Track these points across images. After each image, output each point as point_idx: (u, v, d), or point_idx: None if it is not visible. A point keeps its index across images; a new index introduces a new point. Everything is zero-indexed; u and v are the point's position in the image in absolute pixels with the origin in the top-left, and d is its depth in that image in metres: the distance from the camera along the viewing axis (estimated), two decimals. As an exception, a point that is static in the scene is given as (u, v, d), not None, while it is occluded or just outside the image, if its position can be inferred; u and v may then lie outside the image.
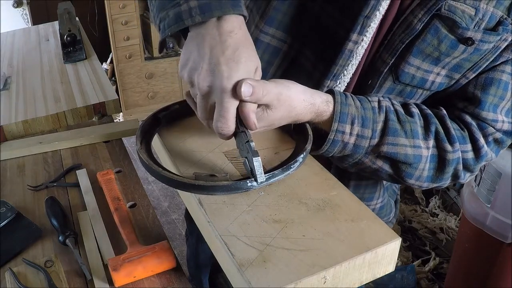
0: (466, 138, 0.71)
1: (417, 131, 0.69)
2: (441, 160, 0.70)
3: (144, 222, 0.81)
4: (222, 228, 0.55)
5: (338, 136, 0.66)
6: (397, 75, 0.70)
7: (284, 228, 0.55)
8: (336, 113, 0.65)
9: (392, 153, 0.68)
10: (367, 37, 0.68)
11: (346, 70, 0.71)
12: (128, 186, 0.90)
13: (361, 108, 0.67)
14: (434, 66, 0.69)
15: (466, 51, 0.67)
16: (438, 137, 0.70)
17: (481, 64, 0.69)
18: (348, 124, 0.65)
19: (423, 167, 0.70)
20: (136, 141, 0.69)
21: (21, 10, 2.82)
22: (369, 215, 0.57)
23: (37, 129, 1.09)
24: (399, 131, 0.68)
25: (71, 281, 0.69)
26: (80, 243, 0.76)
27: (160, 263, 0.70)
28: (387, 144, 0.67)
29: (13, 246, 0.75)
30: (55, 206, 0.81)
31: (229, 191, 0.60)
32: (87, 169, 0.94)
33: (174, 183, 0.61)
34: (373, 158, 0.69)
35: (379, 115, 0.67)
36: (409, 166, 0.69)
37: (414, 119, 0.69)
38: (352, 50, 0.69)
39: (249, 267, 0.50)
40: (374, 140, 0.67)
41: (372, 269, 0.54)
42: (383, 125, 0.67)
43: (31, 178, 0.93)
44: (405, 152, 0.68)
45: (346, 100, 0.66)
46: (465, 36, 0.65)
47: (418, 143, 0.68)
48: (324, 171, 0.65)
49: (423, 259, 2.03)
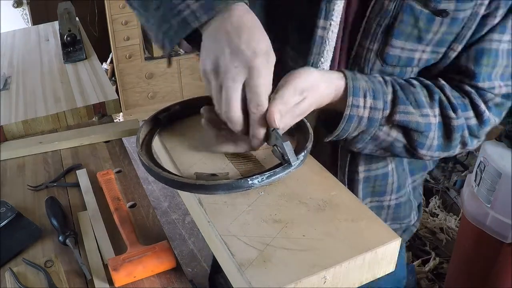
0: (468, 106, 0.72)
1: (422, 100, 0.70)
2: (448, 127, 0.71)
3: (144, 222, 0.81)
4: (222, 228, 0.55)
5: (353, 110, 0.66)
6: (383, 58, 0.71)
7: (284, 228, 0.55)
8: (349, 87, 0.65)
9: (405, 121, 0.68)
10: (334, 21, 0.68)
11: (323, 58, 0.71)
12: (128, 186, 0.90)
13: (370, 82, 0.68)
14: (417, 45, 0.69)
15: (443, 23, 0.67)
16: (442, 105, 0.70)
17: (464, 33, 0.69)
18: (361, 98, 0.66)
19: (433, 135, 0.71)
20: (137, 143, 0.69)
21: (21, 10, 2.82)
22: (369, 215, 0.57)
23: (37, 129, 1.09)
24: (406, 101, 0.69)
25: (71, 281, 0.69)
26: (80, 243, 0.76)
27: (160, 263, 0.70)
28: (399, 113, 0.68)
29: (13, 246, 0.75)
30: (55, 206, 0.81)
31: (231, 190, 0.60)
32: (87, 169, 0.94)
33: (175, 184, 0.61)
34: (388, 129, 0.70)
35: (386, 86, 0.69)
36: (421, 135, 0.70)
37: (417, 89, 0.70)
38: (323, 36, 0.70)
39: (249, 267, 0.50)
40: (386, 111, 0.68)
41: (372, 269, 0.54)
42: (392, 96, 0.68)
43: (31, 178, 0.93)
44: (416, 120, 0.69)
45: (355, 75, 0.67)
46: (438, 8, 0.65)
47: (425, 111, 0.69)
48: (324, 171, 0.65)
49: (423, 259, 2.03)
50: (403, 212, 0.89)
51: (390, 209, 0.86)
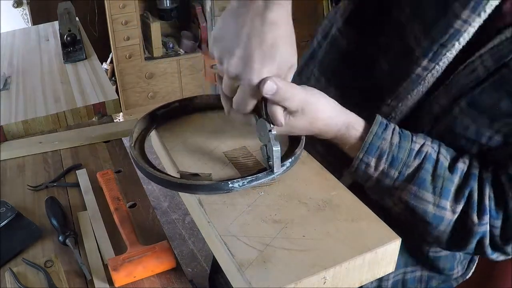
0: (500, 212, 0.62)
1: (449, 191, 0.62)
2: (465, 228, 0.63)
3: (144, 222, 0.81)
4: (222, 228, 0.55)
5: (362, 166, 0.63)
6: (451, 121, 0.64)
7: (284, 228, 0.55)
8: (365, 143, 0.62)
9: (411, 204, 0.63)
10: (440, 66, 0.62)
11: (410, 96, 0.66)
12: (128, 186, 0.90)
13: (396, 147, 0.62)
14: (492, 123, 0.61)
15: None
16: (469, 203, 0.62)
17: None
18: (374, 158, 0.62)
19: (443, 229, 0.64)
20: (130, 137, 0.69)
21: (21, 10, 2.81)
22: (369, 215, 0.57)
23: (37, 129, 1.09)
24: (428, 185, 0.62)
25: (71, 281, 0.69)
26: (80, 243, 0.76)
27: (160, 263, 0.70)
28: (410, 192, 0.62)
29: (13, 246, 0.75)
30: (55, 206, 0.81)
31: (211, 191, 0.60)
32: (87, 169, 0.94)
33: (157, 180, 0.62)
34: (396, 201, 0.65)
35: (413, 159, 0.62)
36: (427, 224, 0.64)
37: (453, 176, 0.62)
38: (421, 76, 0.64)
39: (249, 267, 0.50)
40: (398, 183, 0.63)
41: (372, 269, 0.54)
42: (413, 171, 0.62)
43: (31, 178, 0.93)
44: (426, 208, 0.62)
45: (383, 133, 0.62)
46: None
47: (444, 204, 0.62)
48: (324, 171, 0.65)
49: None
50: (443, 264, 0.81)
51: (428, 259, 0.79)
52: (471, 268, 0.88)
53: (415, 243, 0.76)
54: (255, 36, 0.54)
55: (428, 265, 0.80)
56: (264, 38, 0.53)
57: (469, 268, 0.88)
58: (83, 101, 1.16)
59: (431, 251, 0.78)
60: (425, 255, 0.78)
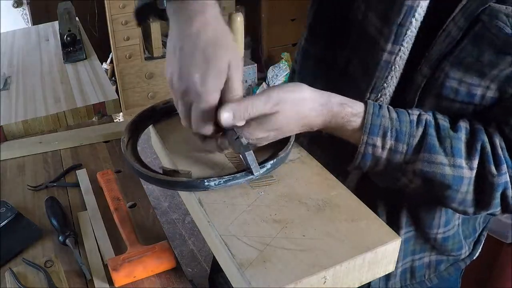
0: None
1: (460, 149, 0.61)
2: (486, 183, 0.61)
3: (144, 222, 0.81)
4: (222, 228, 0.55)
5: (368, 149, 0.62)
6: (438, 89, 0.63)
7: (284, 228, 0.55)
8: (366, 124, 0.61)
9: (428, 172, 0.61)
10: (404, 46, 0.63)
11: (386, 83, 0.66)
12: (128, 186, 0.90)
13: (396, 121, 0.62)
14: (480, 79, 0.60)
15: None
16: (483, 156, 0.61)
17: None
18: (379, 137, 0.61)
19: (465, 189, 0.62)
20: (124, 131, 0.70)
21: (21, 10, 2.81)
22: (369, 215, 0.57)
23: (37, 129, 1.09)
24: (437, 148, 0.61)
25: (71, 281, 0.69)
26: (80, 243, 0.76)
27: (160, 263, 0.70)
28: (422, 161, 0.61)
29: (13, 246, 0.75)
30: (55, 206, 0.81)
31: (187, 188, 0.61)
32: (87, 169, 0.94)
33: (139, 173, 0.64)
34: (411, 176, 0.63)
35: (416, 128, 0.62)
36: (449, 188, 0.61)
37: (459, 134, 0.62)
38: (389, 61, 0.64)
39: (249, 267, 0.50)
40: (408, 156, 0.61)
41: (372, 269, 0.54)
42: (420, 140, 0.61)
43: (31, 178, 0.93)
44: (443, 171, 0.61)
45: (379, 111, 0.62)
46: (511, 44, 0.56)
47: (459, 162, 0.61)
48: (324, 171, 0.65)
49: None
50: (451, 246, 0.80)
51: (437, 241, 0.78)
52: (477, 248, 0.88)
53: (425, 227, 0.76)
54: (187, 47, 0.56)
55: (437, 248, 0.80)
56: (195, 45, 0.56)
57: (475, 248, 0.87)
58: (83, 101, 1.16)
59: (439, 232, 0.77)
60: (434, 238, 0.77)
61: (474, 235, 0.86)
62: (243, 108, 0.57)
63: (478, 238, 0.88)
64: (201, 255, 2.10)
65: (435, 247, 0.79)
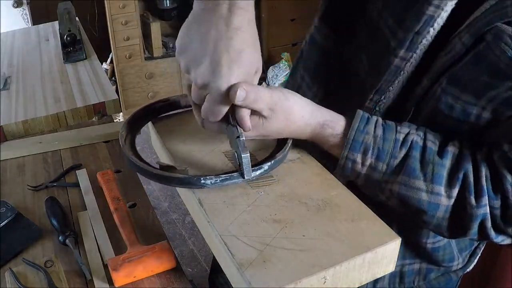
0: (498, 193, 0.60)
1: (441, 176, 0.60)
2: (465, 212, 0.60)
3: (144, 222, 0.81)
4: (222, 228, 0.55)
5: (348, 164, 0.62)
6: (435, 103, 0.62)
7: (284, 228, 0.55)
8: (349, 139, 0.61)
9: (404, 195, 0.61)
10: (417, 53, 0.62)
11: (392, 87, 0.66)
12: (128, 186, 0.90)
13: (381, 139, 0.61)
14: (476, 99, 0.59)
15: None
16: (465, 186, 0.60)
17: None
18: (360, 154, 0.61)
19: (442, 215, 0.61)
20: (123, 126, 0.71)
21: (21, 10, 2.81)
22: (369, 215, 0.57)
23: (37, 129, 1.09)
24: (417, 172, 0.60)
25: (71, 281, 0.69)
26: (80, 243, 0.76)
27: (160, 263, 0.70)
28: (400, 183, 0.61)
29: (13, 246, 0.75)
30: (55, 206, 0.81)
31: (183, 185, 0.62)
32: (87, 169, 0.94)
33: (135, 167, 0.64)
34: (388, 194, 0.63)
35: (400, 150, 0.61)
36: (424, 214, 0.61)
37: (443, 161, 0.61)
38: (400, 67, 0.64)
39: (249, 267, 0.50)
40: (387, 176, 0.62)
41: (372, 269, 0.54)
42: (401, 161, 0.61)
43: (31, 178, 0.93)
44: (419, 197, 0.60)
45: (365, 127, 0.62)
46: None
47: (437, 189, 0.60)
48: (324, 171, 0.65)
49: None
50: (442, 256, 0.79)
51: (426, 250, 0.78)
52: (472, 261, 0.86)
53: (414, 235, 0.76)
54: (221, 42, 0.53)
55: (427, 257, 0.79)
56: (231, 43, 0.53)
57: (470, 261, 0.86)
58: (83, 101, 1.16)
59: (429, 242, 0.77)
60: (423, 247, 0.77)
61: (470, 248, 0.85)
62: (254, 91, 0.56)
63: (474, 251, 0.87)
64: (201, 255, 2.10)
65: (425, 255, 0.79)
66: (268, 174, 0.63)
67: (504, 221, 0.60)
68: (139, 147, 0.72)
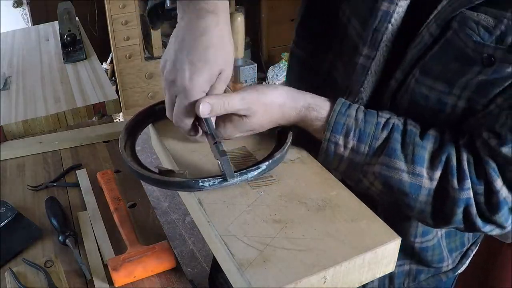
0: (481, 178, 0.59)
1: (422, 157, 0.60)
2: (448, 196, 0.59)
3: (144, 222, 0.81)
4: (222, 228, 0.55)
5: (331, 146, 0.63)
6: (410, 95, 0.63)
7: (284, 228, 0.55)
8: (330, 122, 0.62)
9: (386, 176, 0.61)
10: (380, 52, 0.63)
11: (363, 87, 0.66)
12: (128, 186, 0.90)
13: (362, 121, 0.62)
14: (449, 87, 0.59)
15: (483, 72, 0.55)
16: (447, 168, 0.59)
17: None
18: (342, 136, 0.62)
19: (424, 199, 0.60)
20: (122, 130, 0.71)
21: (21, 10, 2.81)
22: (369, 215, 0.57)
23: (37, 129, 1.09)
24: (398, 153, 0.60)
25: (71, 281, 0.69)
26: (80, 243, 0.76)
27: (160, 263, 0.70)
28: (381, 164, 0.61)
29: (13, 246, 0.75)
30: (55, 206, 0.81)
31: (181, 188, 0.62)
32: (87, 169, 0.94)
33: (135, 173, 0.65)
34: (372, 179, 0.63)
35: (381, 131, 0.61)
36: (406, 196, 0.61)
37: (424, 143, 0.60)
38: (365, 66, 0.65)
39: (249, 267, 0.50)
40: (369, 158, 0.62)
41: (372, 269, 0.54)
42: (382, 143, 0.61)
43: (31, 178, 0.93)
44: (400, 177, 0.60)
45: (346, 110, 0.62)
46: (480, 52, 0.54)
47: (418, 170, 0.59)
48: (324, 171, 0.65)
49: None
50: (431, 256, 0.79)
51: (414, 250, 0.77)
52: (463, 263, 0.86)
53: (401, 234, 0.74)
54: (186, 43, 0.58)
55: (416, 257, 0.79)
56: (194, 44, 0.58)
57: (461, 263, 0.85)
58: (83, 101, 1.16)
59: (417, 241, 0.76)
60: (411, 246, 0.77)
61: (461, 249, 0.84)
62: (220, 103, 0.60)
63: (466, 252, 0.86)
64: (201, 255, 2.10)
65: (414, 256, 0.79)
66: (268, 174, 0.63)
67: (489, 208, 0.59)
68: (139, 147, 0.72)
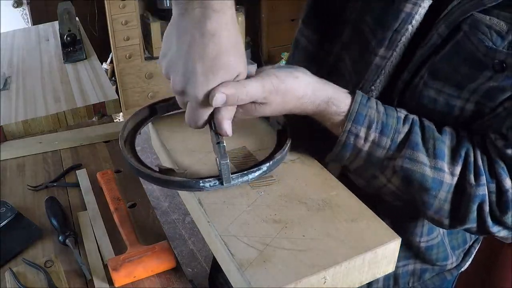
0: (493, 177, 0.58)
1: (443, 151, 0.58)
2: (464, 193, 0.58)
3: (144, 222, 0.81)
4: (222, 228, 0.55)
5: (350, 138, 0.59)
6: (417, 98, 0.61)
7: (284, 228, 0.55)
8: (352, 112, 0.58)
9: (408, 170, 0.58)
10: (396, 52, 0.62)
11: (374, 86, 0.65)
12: (128, 186, 0.90)
13: (384, 114, 0.59)
14: (458, 91, 0.58)
15: (494, 77, 0.54)
16: (466, 164, 0.58)
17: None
18: (364, 127, 0.59)
19: (444, 196, 0.59)
20: (123, 128, 0.70)
21: (21, 10, 2.81)
22: (369, 215, 0.57)
23: (37, 129, 1.09)
24: (420, 146, 0.58)
25: (71, 281, 0.69)
26: (80, 243, 0.76)
27: (160, 263, 0.70)
28: (404, 157, 0.58)
29: (13, 246, 0.75)
30: (55, 206, 0.81)
31: (182, 188, 0.61)
32: (87, 169, 0.94)
33: (136, 171, 0.64)
34: (390, 174, 0.61)
35: (403, 125, 0.59)
36: (427, 193, 0.59)
37: (443, 137, 0.59)
38: (380, 66, 0.64)
39: (249, 267, 0.50)
40: (391, 152, 0.59)
41: (372, 269, 0.54)
42: (405, 137, 0.59)
43: (31, 178, 0.93)
44: (423, 171, 0.58)
45: (367, 102, 0.60)
46: (492, 57, 0.53)
47: (441, 165, 0.58)
48: (324, 171, 0.65)
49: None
50: (435, 255, 0.78)
51: (420, 249, 0.77)
52: (466, 260, 0.85)
53: (408, 234, 0.74)
54: (195, 49, 0.51)
55: (421, 257, 0.78)
56: (205, 50, 0.51)
57: (464, 260, 0.85)
58: (83, 101, 1.16)
59: (422, 241, 0.75)
60: (417, 246, 0.76)
61: (464, 247, 0.84)
62: (237, 94, 0.54)
63: (469, 249, 0.86)
64: (201, 255, 2.10)
65: (419, 255, 0.78)
66: (268, 174, 0.63)
67: (499, 209, 0.59)
68: (139, 147, 0.72)
